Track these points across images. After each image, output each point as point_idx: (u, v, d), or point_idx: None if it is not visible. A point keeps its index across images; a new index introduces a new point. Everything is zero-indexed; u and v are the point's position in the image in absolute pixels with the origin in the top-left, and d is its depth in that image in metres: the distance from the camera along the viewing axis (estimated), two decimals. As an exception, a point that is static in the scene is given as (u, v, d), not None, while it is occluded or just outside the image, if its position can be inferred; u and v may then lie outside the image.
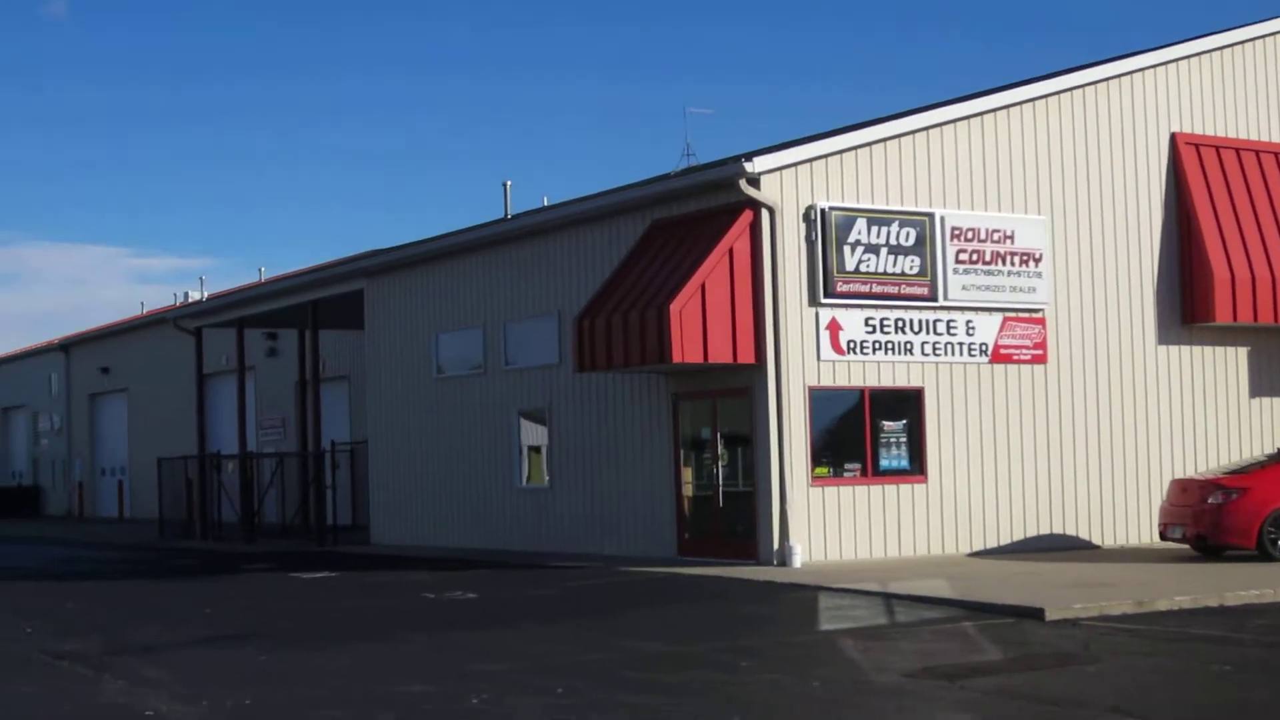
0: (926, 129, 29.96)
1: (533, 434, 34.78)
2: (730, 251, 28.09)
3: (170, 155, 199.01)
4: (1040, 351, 30.58)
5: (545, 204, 36.55)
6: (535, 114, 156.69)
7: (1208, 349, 32.55)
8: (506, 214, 37.49)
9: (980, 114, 30.58)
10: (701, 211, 29.35)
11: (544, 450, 34.30)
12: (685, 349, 27.49)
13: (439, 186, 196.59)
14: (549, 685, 15.36)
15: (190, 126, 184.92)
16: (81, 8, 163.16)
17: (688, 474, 30.47)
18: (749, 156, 28.24)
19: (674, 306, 27.33)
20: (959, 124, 30.31)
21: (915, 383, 29.54)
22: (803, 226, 28.70)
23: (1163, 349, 32.01)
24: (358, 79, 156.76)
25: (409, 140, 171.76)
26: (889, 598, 22.85)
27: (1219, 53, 33.14)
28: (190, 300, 62.17)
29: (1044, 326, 30.70)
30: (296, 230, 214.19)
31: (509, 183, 38.13)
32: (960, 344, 29.87)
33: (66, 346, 76.85)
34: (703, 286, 27.76)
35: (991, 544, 29.88)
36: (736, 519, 29.33)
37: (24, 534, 54.62)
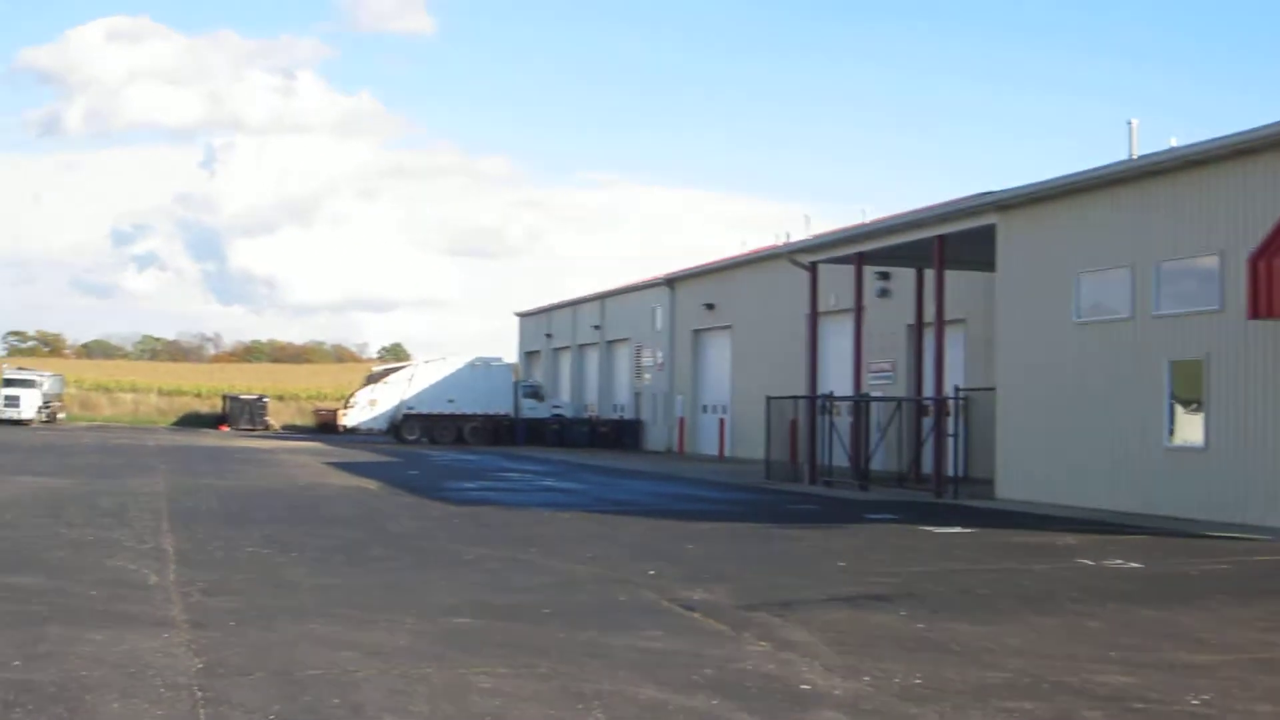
0: None
1: (1185, 387, 31.44)
2: None
3: (763, 101, 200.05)
4: None
5: (1172, 145, 33.04)
6: (1156, 57, 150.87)
7: None
8: (1132, 154, 34.20)
9: None
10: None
11: (1199, 406, 30.91)
12: (1390, 295, 23.92)
13: (1050, 126, 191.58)
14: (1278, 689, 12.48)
15: (775, 76, 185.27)
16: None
17: (1374, 440, 26.71)
18: None
19: (1377, 246, 23.74)
20: None
21: None
22: None
23: None
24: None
25: (1023, 76, 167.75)
26: None
27: None
28: (793, 240, 60.71)
29: None
30: (891, 175, 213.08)
31: (1135, 121, 34.71)
32: None
33: (672, 282, 76.92)
34: None
35: None
36: None
37: (628, 468, 54.28)
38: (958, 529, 27.98)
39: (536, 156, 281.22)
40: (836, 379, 52.64)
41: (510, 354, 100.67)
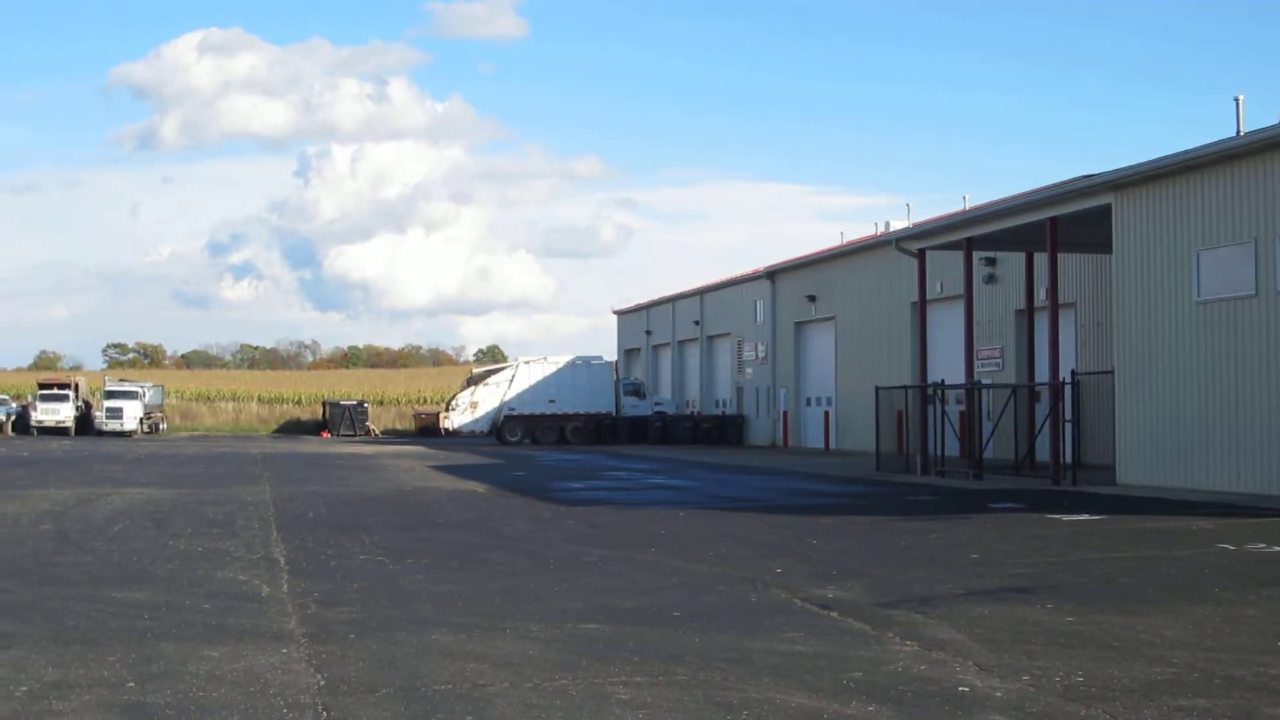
0: None
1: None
2: None
3: (849, 99, 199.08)
4: None
5: (1282, 120, 32.10)
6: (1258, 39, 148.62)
7: None
8: (1239, 130, 33.24)
9: None
10: None
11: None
12: None
13: (1145, 109, 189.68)
14: None
15: (859, 66, 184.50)
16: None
17: None
18: None
19: None
20: None
21: None
22: None
23: None
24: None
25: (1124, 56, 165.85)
26: None
27: None
28: (893, 229, 59.76)
29: None
30: (978, 165, 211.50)
31: (1241, 97, 33.81)
32: None
33: (773, 275, 76.05)
34: None
35: None
36: None
37: (735, 464, 53.54)
38: (1085, 516, 27.09)
39: (627, 156, 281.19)
40: (944, 367, 51.71)
41: (608, 352, 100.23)
